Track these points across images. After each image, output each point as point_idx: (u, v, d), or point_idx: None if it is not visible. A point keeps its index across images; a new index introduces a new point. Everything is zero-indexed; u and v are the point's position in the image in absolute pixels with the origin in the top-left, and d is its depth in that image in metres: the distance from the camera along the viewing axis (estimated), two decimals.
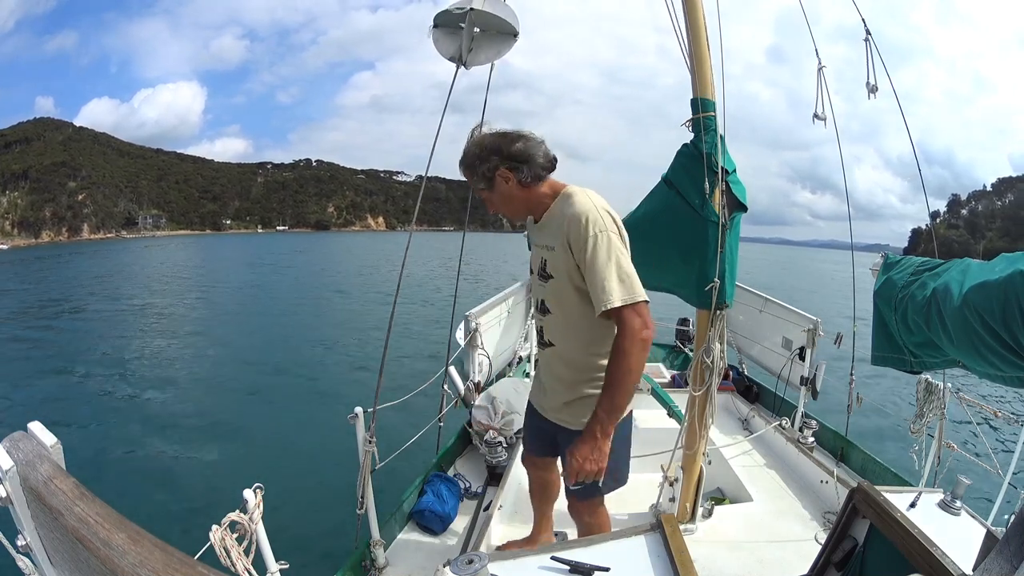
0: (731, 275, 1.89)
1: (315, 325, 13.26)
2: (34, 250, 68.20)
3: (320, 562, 2.31)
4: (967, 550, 1.14)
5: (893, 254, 1.95)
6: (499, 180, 1.50)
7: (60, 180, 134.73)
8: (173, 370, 9.12)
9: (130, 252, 58.21)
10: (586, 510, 1.74)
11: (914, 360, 1.72)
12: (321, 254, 51.77)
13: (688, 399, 2.07)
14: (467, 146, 1.54)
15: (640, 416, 3.26)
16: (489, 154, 1.49)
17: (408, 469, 2.72)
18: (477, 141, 1.52)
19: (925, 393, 2.42)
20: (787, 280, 34.26)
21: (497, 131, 1.54)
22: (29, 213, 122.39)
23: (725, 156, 1.83)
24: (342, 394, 7.46)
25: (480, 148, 1.51)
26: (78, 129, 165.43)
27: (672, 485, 2.22)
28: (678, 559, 1.23)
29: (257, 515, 1.22)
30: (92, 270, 31.35)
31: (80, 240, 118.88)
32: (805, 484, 2.68)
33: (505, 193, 1.51)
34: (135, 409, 7.09)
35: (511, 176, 1.49)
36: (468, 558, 0.96)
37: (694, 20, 1.74)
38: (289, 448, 5.61)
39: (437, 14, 1.93)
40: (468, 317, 3.23)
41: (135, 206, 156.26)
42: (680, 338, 5.49)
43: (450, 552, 2.21)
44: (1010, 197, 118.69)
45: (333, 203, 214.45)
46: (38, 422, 0.74)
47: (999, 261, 1.30)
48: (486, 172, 1.50)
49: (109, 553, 0.57)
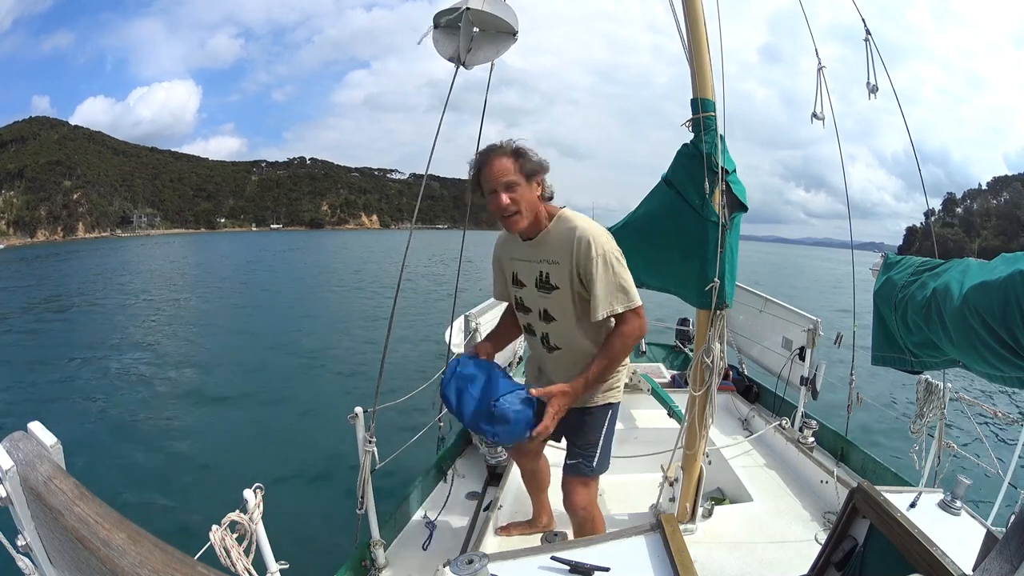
0: (731, 275, 1.89)
1: (315, 324, 13.25)
2: (31, 249, 68.00)
3: (320, 562, 2.30)
4: (967, 550, 1.14)
5: (893, 254, 1.95)
6: (535, 183, 1.62)
7: (55, 179, 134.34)
8: (173, 370, 9.12)
9: (127, 250, 58.13)
10: (580, 496, 1.86)
11: (914, 360, 1.72)
12: (316, 252, 51.74)
13: (688, 399, 2.06)
14: (506, 143, 1.62)
15: (640, 416, 3.28)
16: (539, 159, 1.62)
17: (408, 469, 2.72)
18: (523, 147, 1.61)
19: (925, 393, 2.42)
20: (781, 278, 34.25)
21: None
22: (25, 212, 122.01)
23: (725, 156, 1.82)
24: (342, 394, 7.47)
25: (528, 151, 1.61)
26: (73, 128, 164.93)
27: (672, 485, 2.22)
28: (678, 559, 1.24)
29: (257, 515, 1.22)
30: (91, 269, 31.35)
31: (75, 239, 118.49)
32: (805, 484, 2.68)
33: (531, 197, 1.62)
34: (135, 409, 7.09)
35: (542, 186, 1.64)
36: (468, 558, 0.97)
37: (694, 20, 1.73)
38: (289, 448, 5.61)
39: (436, 14, 1.93)
40: (468, 317, 3.23)
41: (130, 205, 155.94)
42: (680, 338, 5.49)
43: (450, 552, 2.21)
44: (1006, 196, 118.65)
45: (327, 201, 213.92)
46: (38, 422, 0.74)
47: (999, 261, 1.30)
48: (532, 168, 1.60)
49: (109, 553, 0.57)
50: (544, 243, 1.68)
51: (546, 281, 1.68)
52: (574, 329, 1.70)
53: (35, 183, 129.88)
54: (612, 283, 1.59)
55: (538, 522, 2.26)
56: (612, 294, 1.59)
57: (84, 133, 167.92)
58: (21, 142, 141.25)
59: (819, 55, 2.44)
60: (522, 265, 1.76)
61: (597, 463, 1.82)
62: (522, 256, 1.75)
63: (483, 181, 1.62)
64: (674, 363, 5.19)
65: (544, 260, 1.68)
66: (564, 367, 1.76)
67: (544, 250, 1.68)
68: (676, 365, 5.09)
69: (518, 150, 1.61)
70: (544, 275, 1.69)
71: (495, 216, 1.66)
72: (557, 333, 1.74)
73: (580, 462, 1.82)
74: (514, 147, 1.61)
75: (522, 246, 1.74)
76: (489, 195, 1.62)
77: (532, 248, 1.71)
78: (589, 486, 1.87)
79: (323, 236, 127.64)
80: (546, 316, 1.73)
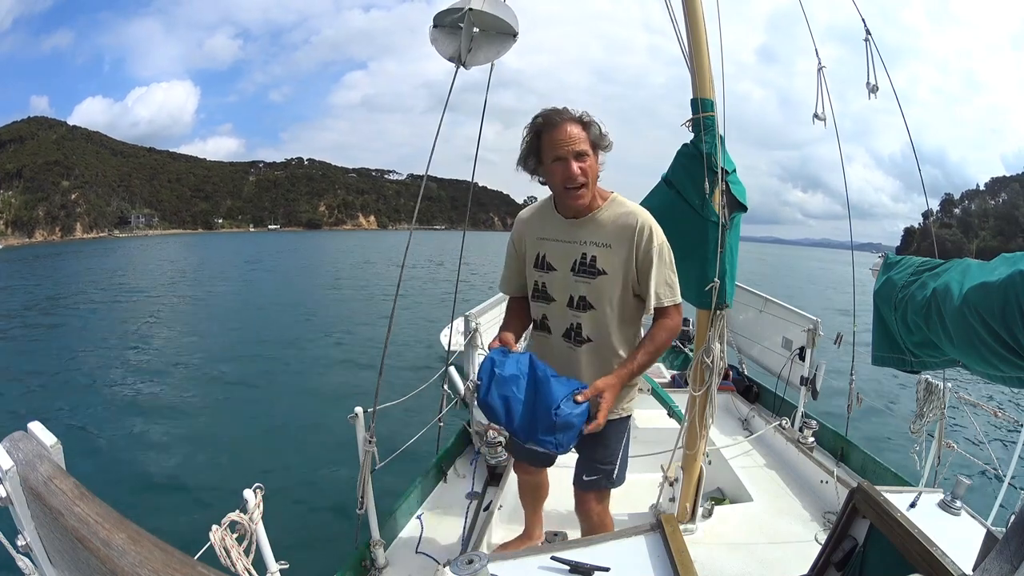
0: (731, 275, 1.90)
1: (315, 324, 13.25)
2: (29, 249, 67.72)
3: (320, 562, 2.30)
4: (967, 550, 1.14)
5: (893, 254, 1.95)
6: (600, 154, 1.54)
7: (53, 179, 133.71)
8: (173, 370, 9.12)
9: (127, 250, 58.03)
10: (595, 505, 1.79)
11: (914, 360, 1.72)
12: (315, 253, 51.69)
13: (688, 399, 2.06)
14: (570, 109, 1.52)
15: (640, 416, 3.27)
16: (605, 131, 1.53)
17: (408, 469, 2.71)
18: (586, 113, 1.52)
19: (925, 393, 2.42)
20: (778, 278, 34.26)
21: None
22: (23, 212, 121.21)
23: (725, 156, 1.83)
24: (342, 394, 7.46)
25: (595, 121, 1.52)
26: (71, 128, 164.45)
27: (672, 485, 2.22)
28: (678, 559, 1.24)
29: (257, 515, 1.22)
30: (91, 268, 31.35)
31: (73, 239, 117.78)
32: (805, 484, 2.68)
33: (595, 169, 1.53)
34: (135, 409, 7.09)
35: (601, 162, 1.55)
36: (468, 558, 0.97)
37: (694, 20, 1.74)
38: (289, 448, 5.61)
39: (436, 14, 1.93)
40: (468, 317, 3.22)
41: (127, 205, 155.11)
42: (680, 338, 5.49)
43: (450, 552, 2.21)
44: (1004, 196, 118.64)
45: (324, 202, 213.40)
46: (38, 422, 0.74)
47: (999, 261, 1.30)
48: (601, 140, 1.52)
49: (109, 553, 0.56)
50: (594, 224, 1.56)
51: (591, 265, 1.56)
52: (611, 320, 1.59)
53: (33, 183, 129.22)
54: (665, 276, 1.56)
55: (532, 536, 2.18)
56: (663, 287, 1.55)
57: (82, 133, 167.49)
58: (19, 142, 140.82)
59: (819, 55, 2.44)
60: (555, 246, 1.62)
61: (616, 476, 1.74)
62: (557, 236, 1.61)
63: (547, 147, 1.48)
64: (674, 363, 5.19)
65: (591, 242, 1.56)
66: (595, 363, 1.63)
67: (592, 231, 1.56)
68: (676, 365, 5.09)
69: (585, 118, 1.50)
70: (589, 258, 1.56)
71: (555, 187, 1.54)
72: (593, 323, 1.60)
73: (600, 478, 1.72)
74: (581, 114, 1.50)
75: (560, 224, 1.61)
76: (553, 163, 1.48)
77: (574, 228, 1.58)
78: (604, 500, 1.81)
79: (321, 237, 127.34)
80: (581, 304, 1.60)
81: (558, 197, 1.59)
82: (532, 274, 1.68)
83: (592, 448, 1.70)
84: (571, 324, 1.63)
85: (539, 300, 1.69)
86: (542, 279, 1.66)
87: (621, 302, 1.59)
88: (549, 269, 1.64)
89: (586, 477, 1.74)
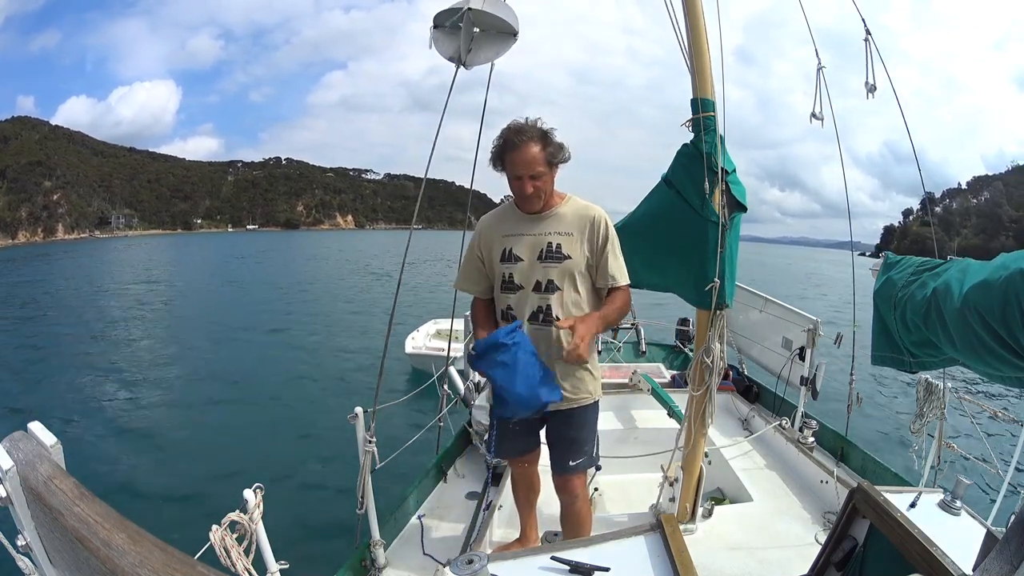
0: (731, 275, 1.89)
1: (314, 324, 13.25)
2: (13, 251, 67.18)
3: (320, 562, 2.31)
4: (967, 550, 1.14)
5: (892, 254, 1.95)
6: (556, 170, 1.76)
7: (36, 180, 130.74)
8: (173, 369, 9.12)
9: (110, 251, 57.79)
10: (580, 484, 1.97)
11: (913, 360, 1.72)
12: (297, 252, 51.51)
13: (688, 399, 2.06)
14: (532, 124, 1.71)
15: (640, 416, 3.28)
16: (561, 144, 1.74)
17: (408, 469, 2.72)
18: (548, 130, 1.71)
19: (925, 393, 2.42)
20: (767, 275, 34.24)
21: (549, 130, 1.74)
22: (6, 213, 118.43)
23: (725, 156, 1.83)
24: (342, 394, 7.47)
25: (553, 136, 1.72)
26: (54, 128, 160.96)
27: (672, 485, 2.22)
28: (678, 559, 1.24)
29: (257, 515, 1.22)
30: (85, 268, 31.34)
31: (55, 240, 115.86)
32: (805, 484, 2.68)
33: (549, 182, 1.76)
34: (135, 409, 7.10)
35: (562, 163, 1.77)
36: (468, 558, 0.97)
37: (694, 20, 1.74)
38: (289, 448, 5.61)
39: (436, 14, 1.93)
40: (468, 317, 3.22)
41: (108, 205, 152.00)
42: (680, 338, 5.49)
43: (450, 552, 2.21)
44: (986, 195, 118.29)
45: (303, 202, 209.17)
46: (38, 422, 0.74)
47: (999, 261, 1.30)
48: (557, 156, 1.73)
49: (109, 553, 0.56)
50: (556, 217, 1.81)
51: (556, 250, 1.79)
52: (578, 298, 1.81)
53: (16, 184, 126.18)
54: (617, 261, 1.82)
55: (528, 539, 2.22)
56: (617, 269, 1.81)
57: (64, 133, 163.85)
58: (3, 142, 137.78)
59: (819, 55, 2.44)
60: (521, 239, 1.83)
61: (596, 455, 1.98)
62: (522, 231, 1.83)
63: (509, 163, 1.72)
64: (674, 363, 5.18)
65: (555, 232, 1.80)
66: (565, 337, 1.75)
67: (555, 223, 1.81)
68: (676, 365, 5.08)
69: (545, 135, 1.70)
70: (555, 246, 1.79)
71: (515, 195, 1.80)
72: (559, 303, 1.80)
73: (585, 459, 1.92)
74: (541, 131, 1.70)
75: (523, 220, 1.83)
76: (514, 179, 1.73)
77: (537, 222, 1.82)
78: (584, 478, 2.01)
79: (299, 237, 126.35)
80: (548, 287, 1.80)
81: (517, 201, 1.86)
82: (499, 267, 1.86)
83: (577, 430, 1.90)
84: (538, 307, 1.81)
85: (506, 291, 1.86)
86: (509, 270, 1.84)
87: (584, 282, 1.82)
88: (516, 260, 1.83)
89: (572, 462, 1.91)
